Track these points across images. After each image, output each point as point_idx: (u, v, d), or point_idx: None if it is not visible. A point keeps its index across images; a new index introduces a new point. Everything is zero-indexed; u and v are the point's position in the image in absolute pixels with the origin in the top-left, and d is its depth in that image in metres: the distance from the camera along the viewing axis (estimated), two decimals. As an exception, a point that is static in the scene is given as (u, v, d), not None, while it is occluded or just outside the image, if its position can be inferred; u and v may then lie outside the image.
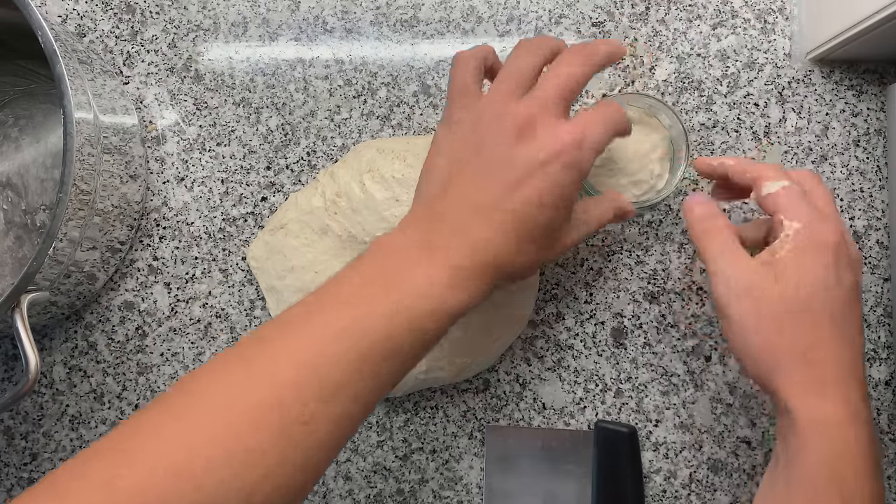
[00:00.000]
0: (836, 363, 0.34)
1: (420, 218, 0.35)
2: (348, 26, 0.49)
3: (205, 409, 0.29)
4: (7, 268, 0.48)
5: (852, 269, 0.36)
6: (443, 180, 0.36)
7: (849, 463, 0.33)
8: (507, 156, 0.34)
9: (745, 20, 0.48)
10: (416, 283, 0.32)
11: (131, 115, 0.47)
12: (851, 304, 0.35)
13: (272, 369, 0.30)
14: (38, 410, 0.48)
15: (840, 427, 0.33)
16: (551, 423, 0.47)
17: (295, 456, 0.29)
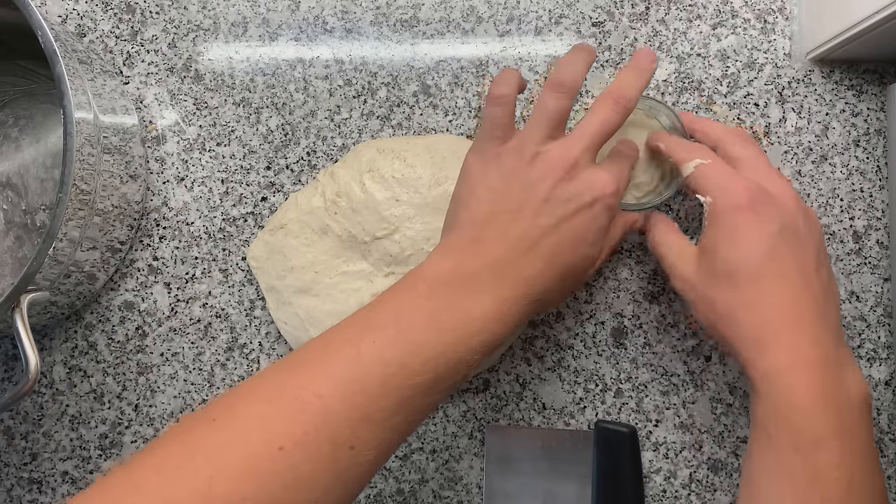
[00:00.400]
0: (772, 316, 0.35)
1: (461, 249, 0.36)
2: (348, 26, 0.49)
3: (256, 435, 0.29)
4: (7, 268, 0.48)
5: (774, 218, 0.36)
6: (484, 216, 0.36)
7: (794, 407, 0.34)
8: (551, 196, 0.36)
9: (745, 20, 0.48)
10: (469, 320, 0.33)
11: (131, 115, 0.47)
12: (777, 254, 0.36)
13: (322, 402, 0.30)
14: (38, 410, 0.48)
15: (780, 374, 0.34)
16: (551, 423, 0.47)
17: (337, 485, 0.30)
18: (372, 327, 0.33)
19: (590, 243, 0.37)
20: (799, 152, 0.47)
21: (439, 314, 0.33)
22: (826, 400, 0.34)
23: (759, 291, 0.36)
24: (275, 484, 0.28)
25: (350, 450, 0.30)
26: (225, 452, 0.28)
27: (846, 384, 0.35)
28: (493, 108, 0.38)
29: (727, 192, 0.37)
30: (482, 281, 0.34)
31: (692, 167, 0.39)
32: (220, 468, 0.28)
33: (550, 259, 0.35)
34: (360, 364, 0.31)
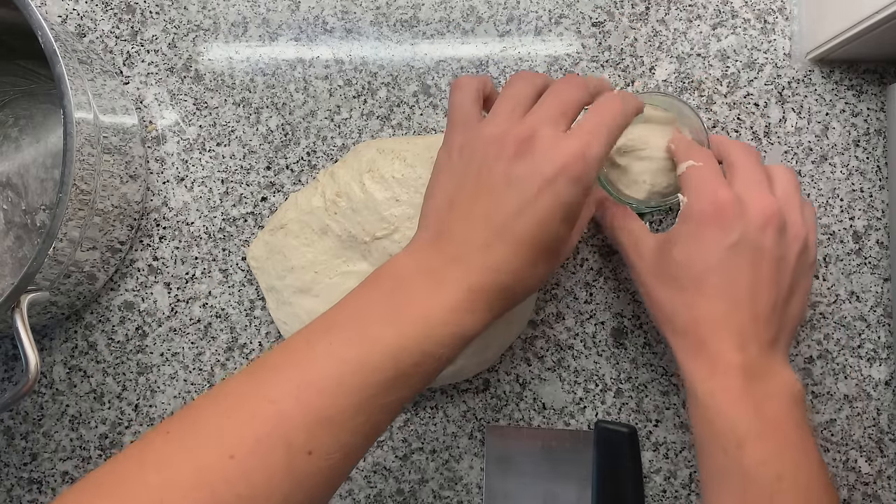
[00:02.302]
0: (698, 324, 0.37)
1: (427, 243, 0.35)
2: (348, 26, 0.49)
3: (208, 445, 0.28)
4: (7, 268, 0.48)
5: (735, 230, 0.36)
6: (447, 205, 0.35)
7: (716, 411, 0.35)
8: (510, 174, 0.34)
9: (745, 20, 0.48)
10: (431, 312, 0.32)
11: (131, 115, 0.47)
12: (725, 266, 0.36)
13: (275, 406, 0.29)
14: (38, 410, 0.48)
15: (701, 380, 0.36)
16: (551, 423, 0.47)
17: (299, 491, 0.29)
18: (331, 327, 0.32)
19: (559, 220, 0.33)
20: (799, 152, 0.47)
21: (400, 308, 0.32)
22: (745, 402, 0.35)
23: (699, 298, 0.37)
24: (227, 493, 0.27)
25: (308, 455, 0.29)
26: (175, 464, 0.28)
27: (769, 385, 0.36)
28: (455, 94, 0.37)
29: (700, 197, 0.38)
30: (446, 273, 0.33)
31: (684, 167, 0.39)
32: (170, 480, 0.27)
33: (516, 244, 0.33)
34: (316, 364, 0.30)
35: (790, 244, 0.38)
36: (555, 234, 0.34)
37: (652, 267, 0.39)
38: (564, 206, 0.33)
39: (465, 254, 0.33)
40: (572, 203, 0.34)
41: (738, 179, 0.38)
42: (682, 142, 0.42)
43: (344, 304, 0.33)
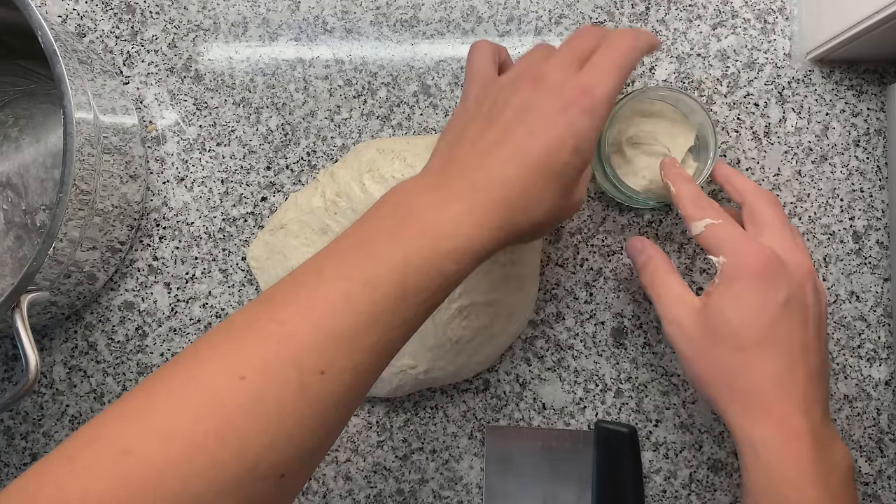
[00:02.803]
0: (762, 385, 0.36)
1: (435, 166, 0.35)
2: (348, 26, 0.49)
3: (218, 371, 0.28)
4: (7, 268, 0.48)
5: (783, 287, 0.36)
6: (456, 138, 0.35)
7: (784, 478, 0.34)
8: (521, 106, 0.34)
9: (745, 20, 0.48)
10: (437, 226, 0.31)
11: (131, 115, 0.47)
12: (780, 324, 0.36)
13: (284, 328, 0.29)
14: (38, 410, 0.48)
15: (769, 448, 0.35)
16: (551, 423, 0.47)
17: (313, 414, 0.28)
18: (338, 250, 0.32)
19: (570, 149, 0.33)
20: (799, 152, 0.47)
21: (405, 224, 0.31)
22: (815, 472, 0.34)
23: (758, 358, 0.36)
24: (239, 415, 0.27)
25: (320, 375, 0.28)
26: (185, 389, 0.27)
27: (834, 456, 0.35)
28: (473, 54, 0.38)
29: (740, 255, 0.37)
30: (452, 189, 0.32)
31: (703, 227, 0.38)
32: (180, 405, 0.27)
33: (525, 164, 0.33)
34: (324, 285, 0.30)
35: (822, 300, 0.39)
36: (564, 162, 0.33)
37: (702, 329, 0.37)
38: (575, 135, 0.33)
39: (472, 173, 0.33)
40: (583, 134, 0.33)
41: (768, 234, 0.38)
42: (684, 192, 0.40)
43: (350, 230, 0.33)
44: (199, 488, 0.26)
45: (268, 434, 0.27)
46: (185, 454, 0.26)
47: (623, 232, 0.47)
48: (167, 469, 0.26)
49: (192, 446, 0.26)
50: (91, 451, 0.26)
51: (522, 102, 0.34)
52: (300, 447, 0.28)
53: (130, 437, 0.26)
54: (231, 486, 0.26)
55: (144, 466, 0.26)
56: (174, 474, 0.26)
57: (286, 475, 0.28)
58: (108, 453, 0.26)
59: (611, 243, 0.47)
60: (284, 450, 0.28)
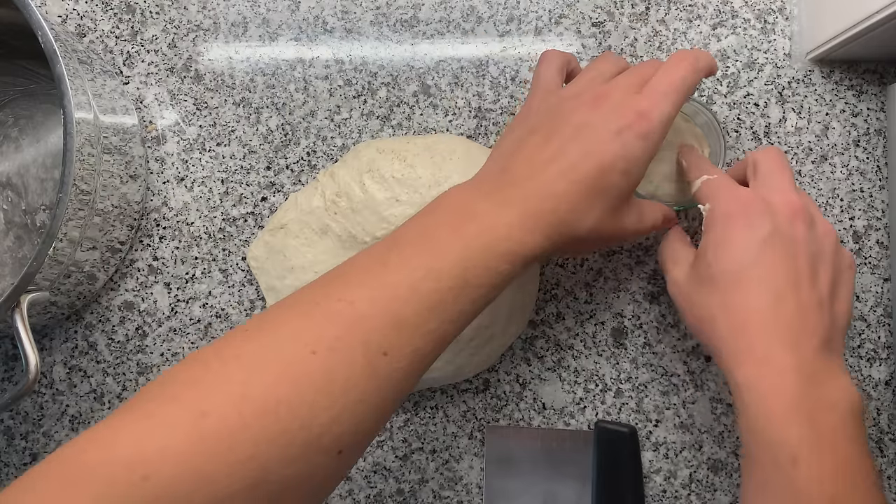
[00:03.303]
0: (745, 321, 0.35)
1: (490, 174, 0.36)
2: (348, 26, 0.49)
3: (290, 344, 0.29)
4: (7, 268, 0.48)
5: (765, 222, 0.36)
6: (514, 147, 0.37)
7: (768, 418, 0.33)
8: (581, 124, 0.36)
9: (745, 20, 0.48)
10: (493, 228, 0.33)
11: (131, 115, 0.47)
12: (763, 258, 0.35)
13: (353, 308, 0.30)
14: (38, 410, 0.48)
15: (752, 386, 0.33)
16: (551, 423, 0.47)
17: (375, 393, 0.30)
18: (399, 242, 0.33)
19: (620, 171, 0.35)
20: (799, 152, 0.47)
21: (464, 224, 0.33)
22: (800, 409, 0.32)
23: (739, 294, 0.35)
24: (309, 387, 0.28)
25: (384, 356, 0.30)
26: (258, 358, 0.29)
27: (826, 392, 0.33)
28: (542, 65, 0.40)
29: (722, 200, 0.37)
30: (507, 196, 0.34)
31: (699, 183, 0.39)
32: (253, 373, 0.28)
33: (577, 182, 0.34)
34: (388, 272, 0.32)
35: (822, 239, 0.37)
36: (615, 183, 0.35)
37: (690, 278, 0.38)
38: (627, 158, 0.35)
39: (527, 184, 0.35)
40: (635, 158, 0.35)
41: (760, 177, 0.38)
42: (691, 158, 0.42)
43: (408, 225, 0.35)
44: (267, 454, 0.27)
45: (334, 408, 0.29)
46: (258, 420, 0.27)
47: (623, 232, 0.47)
48: (241, 433, 0.27)
49: (266, 413, 0.27)
50: (167, 410, 0.27)
51: (581, 121, 0.36)
52: (360, 424, 0.30)
53: (207, 399, 0.27)
54: (296, 455, 0.28)
55: (220, 428, 0.27)
56: (247, 438, 0.27)
57: (343, 451, 0.29)
58: (186, 414, 0.27)
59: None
60: (347, 425, 0.29)
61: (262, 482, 0.27)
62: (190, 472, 0.26)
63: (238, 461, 0.26)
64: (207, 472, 0.26)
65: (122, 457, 0.26)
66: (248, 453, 0.27)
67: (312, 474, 0.28)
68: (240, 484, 0.26)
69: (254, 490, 0.27)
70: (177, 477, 0.25)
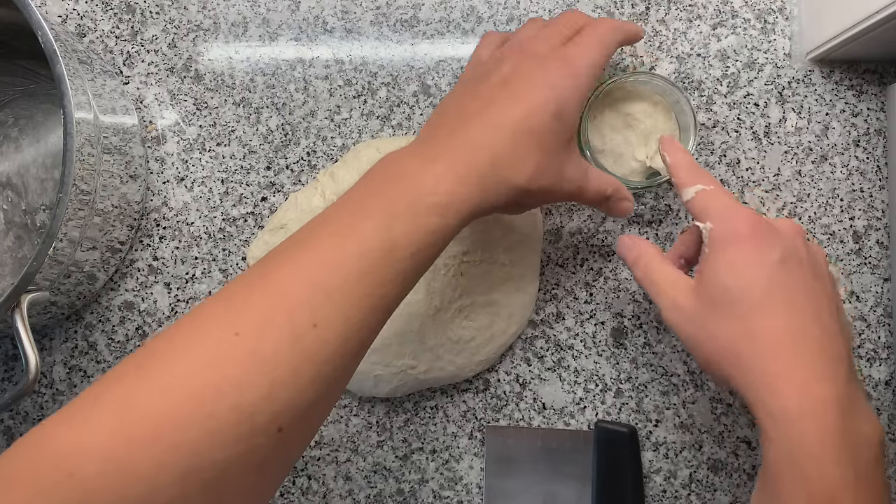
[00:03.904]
0: (775, 349, 0.32)
1: (420, 137, 0.37)
2: (348, 26, 0.49)
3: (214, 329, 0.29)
4: (7, 268, 0.48)
5: (776, 246, 0.34)
6: (442, 111, 0.37)
7: (807, 454, 0.31)
8: (506, 75, 0.36)
9: (745, 20, 0.48)
10: (420, 184, 0.33)
11: (131, 115, 0.47)
12: (780, 282, 0.33)
13: (277, 286, 0.30)
14: (38, 410, 0.48)
15: (791, 420, 0.31)
16: (551, 423, 0.47)
17: (308, 366, 0.29)
18: (328, 214, 0.33)
19: (551, 112, 0.35)
20: (799, 152, 0.47)
21: (390, 184, 0.33)
22: (841, 446, 0.31)
23: (764, 320, 0.33)
24: (234, 367, 0.28)
25: (313, 328, 0.29)
26: (181, 348, 0.29)
27: (861, 427, 0.32)
28: (479, 45, 0.41)
29: (727, 220, 0.35)
30: (436, 153, 0.34)
31: (693, 192, 0.37)
32: (176, 363, 0.28)
33: (507, 126, 0.34)
34: (313, 241, 0.31)
35: (817, 256, 0.36)
36: (547, 125, 0.35)
37: (700, 305, 0.35)
38: (557, 99, 0.35)
39: (455, 137, 0.35)
40: (565, 98, 0.35)
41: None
42: (678, 158, 0.39)
43: (341, 197, 0.34)
44: (196, 438, 0.27)
45: (262, 385, 0.28)
46: (182, 406, 0.27)
47: (622, 232, 0.47)
48: (166, 420, 0.27)
49: (190, 398, 0.27)
50: (93, 407, 0.27)
51: (508, 70, 0.36)
52: (296, 399, 0.29)
53: (131, 392, 0.27)
54: (229, 438, 0.27)
55: (143, 417, 0.27)
56: (172, 425, 0.27)
57: (283, 429, 0.29)
58: (110, 408, 0.27)
59: (611, 243, 0.47)
60: (281, 401, 0.28)
61: (195, 469, 0.27)
62: (115, 466, 0.26)
63: (164, 449, 0.26)
64: (132, 464, 0.26)
65: (49, 456, 0.26)
66: (173, 440, 0.26)
67: (251, 455, 0.28)
68: (169, 473, 0.26)
69: (186, 477, 0.26)
70: (102, 472, 0.25)
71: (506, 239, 0.45)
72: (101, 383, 0.28)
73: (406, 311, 0.44)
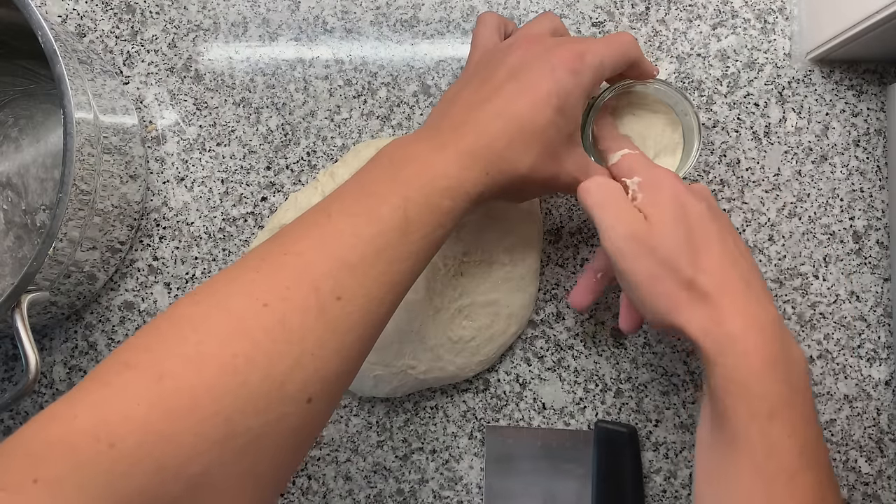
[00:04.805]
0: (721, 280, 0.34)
1: (429, 123, 0.38)
2: (348, 26, 0.49)
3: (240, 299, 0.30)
4: (7, 268, 0.48)
5: (699, 198, 0.37)
6: (451, 99, 0.38)
7: (751, 371, 0.32)
8: (513, 66, 0.37)
9: (745, 20, 0.48)
10: (430, 167, 0.34)
11: (131, 115, 0.47)
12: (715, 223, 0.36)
13: (301, 258, 0.31)
14: (37, 410, 0.48)
15: (735, 339, 0.33)
16: (551, 423, 0.47)
17: (333, 337, 0.30)
18: (340, 194, 0.34)
19: (554, 108, 0.36)
20: (799, 152, 0.47)
21: (403, 167, 0.34)
22: (777, 364, 0.33)
23: (711, 254, 0.35)
24: (265, 338, 0.29)
25: (337, 300, 0.30)
26: (210, 318, 0.29)
27: (793, 352, 0.34)
28: (479, 26, 0.41)
29: (655, 172, 0.37)
30: (443, 139, 0.35)
31: (619, 156, 0.39)
32: (207, 332, 0.29)
33: (512, 118, 0.35)
34: (331, 221, 0.33)
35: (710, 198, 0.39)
36: (550, 119, 0.36)
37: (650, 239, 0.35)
38: (560, 94, 0.36)
39: (462, 127, 0.36)
40: (568, 93, 0.36)
41: None
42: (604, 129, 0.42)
43: (350, 179, 0.35)
44: (231, 408, 0.27)
45: (292, 355, 0.29)
46: (217, 376, 0.27)
47: (623, 232, 0.47)
48: (201, 390, 0.27)
49: (224, 368, 0.28)
50: (124, 377, 0.27)
51: (516, 62, 0.37)
52: (323, 369, 0.30)
53: (162, 362, 0.28)
54: (261, 405, 0.28)
55: (180, 389, 0.27)
56: (208, 395, 0.27)
57: (312, 399, 0.30)
58: (143, 379, 0.27)
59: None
60: (308, 370, 0.29)
61: (230, 436, 0.27)
62: (155, 435, 0.26)
63: (202, 419, 0.27)
64: (172, 434, 0.26)
65: (84, 428, 0.26)
66: (210, 410, 0.27)
67: (281, 423, 0.29)
68: (207, 441, 0.27)
69: (223, 445, 0.27)
70: (143, 442, 0.26)
71: (506, 239, 0.45)
72: (129, 350, 0.29)
73: (406, 311, 0.44)
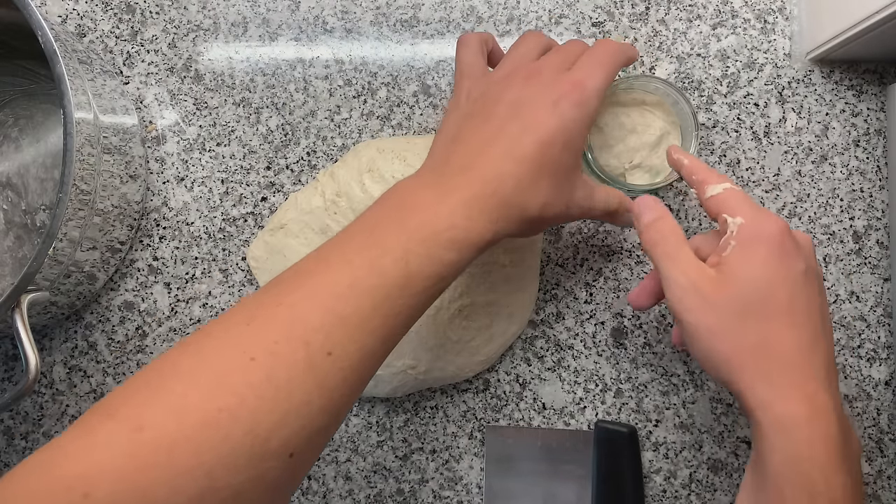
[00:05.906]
0: (792, 357, 0.33)
1: (431, 168, 0.36)
2: (348, 26, 0.49)
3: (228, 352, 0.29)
4: (7, 268, 0.48)
5: (801, 257, 0.34)
6: (452, 138, 0.37)
7: (814, 462, 0.31)
8: (514, 102, 0.36)
9: (745, 20, 0.48)
10: (435, 217, 0.33)
11: (131, 115, 0.47)
12: (804, 293, 0.34)
13: (292, 310, 0.30)
14: (38, 410, 0.48)
15: (800, 426, 0.32)
16: (551, 423, 0.47)
17: (321, 393, 0.29)
18: (342, 240, 0.33)
19: (561, 144, 0.35)
20: (799, 152, 0.47)
21: (407, 216, 0.33)
22: (840, 456, 0.32)
23: (787, 328, 0.33)
24: (249, 393, 0.28)
25: (327, 356, 0.30)
26: (196, 370, 0.29)
27: (852, 441, 0.33)
28: (461, 49, 0.40)
29: (759, 220, 0.34)
30: (449, 185, 0.34)
31: (721, 189, 0.36)
32: (192, 384, 0.28)
33: (518, 159, 0.34)
34: (329, 270, 0.32)
35: (820, 270, 0.37)
36: (557, 158, 0.35)
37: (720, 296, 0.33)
38: (567, 129, 0.35)
39: (468, 171, 0.35)
40: (574, 128, 0.35)
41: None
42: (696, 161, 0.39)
43: (353, 224, 0.34)
44: (211, 462, 0.27)
45: (278, 412, 0.28)
46: (198, 429, 0.27)
47: (623, 232, 0.47)
48: (181, 443, 0.27)
49: (206, 421, 0.27)
50: (107, 427, 0.27)
51: (515, 98, 0.36)
52: (308, 426, 0.29)
53: (144, 413, 0.27)
54: (242, 462, 0.27)
55: (158, 441, 0.26)
56: (188, 448, 0.27)
57: (294, 454, 0.29)
58: (123, 429, 0.27)
59: (611, 243, 0.47)
60: (293, 427, 0.29)
61: (209, 491, 0.27)
62: (129, 487, 0.25)
63: (179, 473, 0.26)
64: (145, 486, 0.26)
65: (63, 476, 0.25)
66: (188, 464, 0.26)
67: (263, 479, 0.28)
68: (182, 495, 0.26)
69: (199, 501, 0.26)
70: (116, 493, 0.25)
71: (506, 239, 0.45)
72: (114, 399, 0.28)
73: (406, 311, 0.44)
